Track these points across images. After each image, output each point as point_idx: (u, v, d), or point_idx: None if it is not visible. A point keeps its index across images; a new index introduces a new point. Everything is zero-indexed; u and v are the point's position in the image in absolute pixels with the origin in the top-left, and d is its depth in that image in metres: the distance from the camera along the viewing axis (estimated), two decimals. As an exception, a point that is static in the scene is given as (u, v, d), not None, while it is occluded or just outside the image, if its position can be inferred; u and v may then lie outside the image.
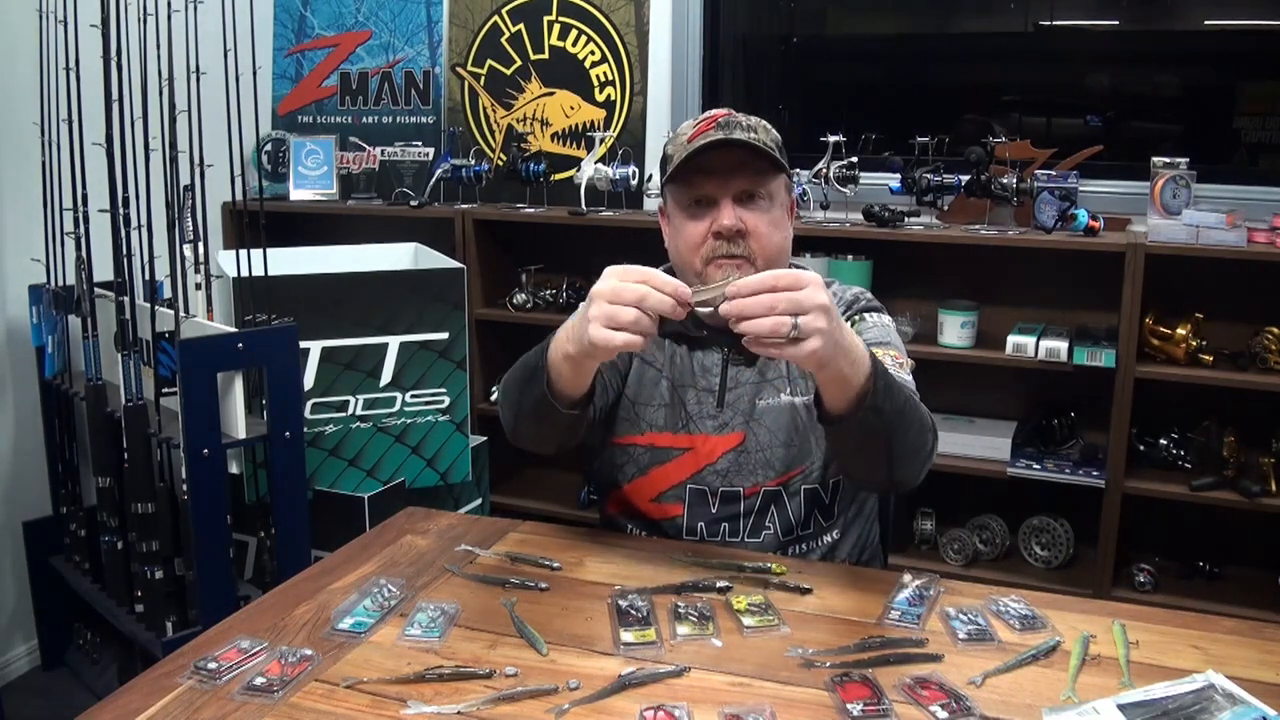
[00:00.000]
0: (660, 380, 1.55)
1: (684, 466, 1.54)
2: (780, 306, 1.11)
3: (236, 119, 2.24)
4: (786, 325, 1.10)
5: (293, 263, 2.51)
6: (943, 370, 2.74)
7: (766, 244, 1.43)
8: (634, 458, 1.56)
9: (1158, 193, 2.45)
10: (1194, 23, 2.88)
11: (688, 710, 1.03)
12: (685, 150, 1.43)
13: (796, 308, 1.11)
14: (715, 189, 1.42)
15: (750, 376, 1.53)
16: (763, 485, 1.52)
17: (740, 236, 1.42)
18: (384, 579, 1.33)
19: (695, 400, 1.54)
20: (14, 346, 2.68)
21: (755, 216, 1.43)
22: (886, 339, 1.48)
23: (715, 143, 1.40)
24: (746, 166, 1.41)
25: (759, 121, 1.47)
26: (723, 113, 1.45)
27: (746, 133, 1.42)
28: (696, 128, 1.44)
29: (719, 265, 1.43)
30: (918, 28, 3.15)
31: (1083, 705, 1.04)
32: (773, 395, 1.52)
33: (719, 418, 1.53)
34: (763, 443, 1.52)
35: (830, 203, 2.72)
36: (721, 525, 1.53)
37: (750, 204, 1.43)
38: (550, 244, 3.15)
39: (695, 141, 1.42)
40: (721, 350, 1.54)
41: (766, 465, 1.51)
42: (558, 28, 3.14)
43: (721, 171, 1.41)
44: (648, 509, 1.57)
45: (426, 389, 2.48)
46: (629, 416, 1.56)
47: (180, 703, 1.06)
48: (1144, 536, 2.62)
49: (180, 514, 2.14)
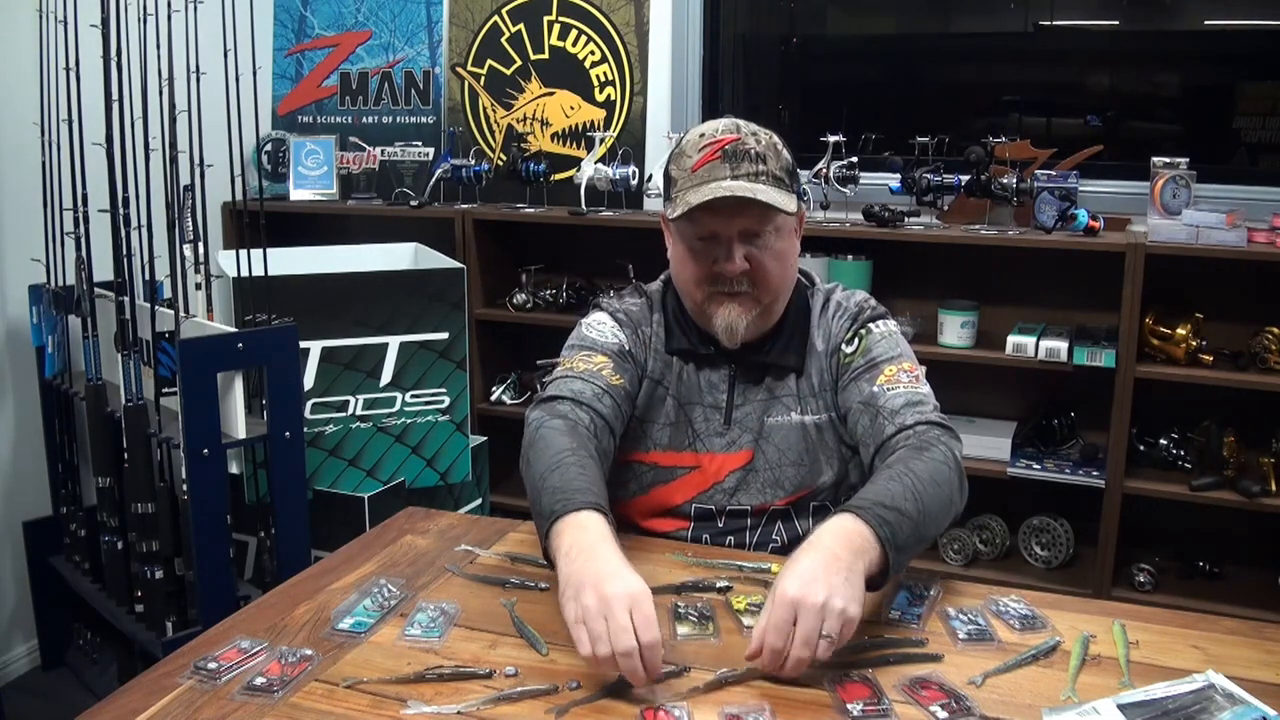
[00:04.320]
0: (667, 398, 1.52)
1: (690, 485, 1.51)
2: (807, 643, 1.05)
3: (236, 119, 2.24)
4: (819, 647, 1.05)
5: (293, 263, 2.51)
6: (943, 370, 2.74)
7: (770, 281, 1.42)
8: (637, 475, 1.53)
9: (1158, 193, 2.45)
10: (1194, 23, 2.88)
11: (688, 710, 1.03)
12: (689, 183, 1.38)
13: (814, 636, 1.05)
14: (720, 226, 1.39)
15: (759, 394, 1.50)
16: (771, 504, 1.49)
17: (744, 275, 1.40)
18: (384, 579, 1.33)
19: (703, 418, 1.51)
20: (14, 346, 2.68)
21: (760, 254, 1.40)
22: (897, 350, 1.46)
23: (730, 200, 1.35)
24: (754, 206, 1.37)
25: (769, 143, 1.40)
26: (730, 138, 1.38)
27: (755, 164, 1.37)
28: (702, 154, 1.38)
29: (721, 302, 1.42)
30: (918, 28, 3.15)
31: (1083, 705, 1.03)
32: (783, 413, 1.49)
33: (726, 435, 1.50)
34: (771, 461, 1.49)
35: (830, 203, 2.73)
36: (727, 539, 1.50)
37: (756, 240, 1.40)
38: (550, 244, 3.15)
39: (699, 172, 1.37)
40: (729, 366, 1.51)
41: (775, 484, 1.49)
42: (558, 28, 3.14)
43: (728, 210, 1.37)
44: (647, 524, 1.53)
45: (426, 389, 2.48)
46: (636, 434, 1.52)
47: (180, 703, 1.06)
48: (1144, 536, 2.62)
49: (180, 514, 2.14)
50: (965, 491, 1.34)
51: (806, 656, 1.05)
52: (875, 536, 1.14)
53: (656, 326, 1.55)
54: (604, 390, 1.43)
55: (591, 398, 1.41)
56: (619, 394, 1.44)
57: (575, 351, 1.50)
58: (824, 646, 1.05)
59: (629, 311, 1.55)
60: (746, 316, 1.43)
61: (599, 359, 1.47)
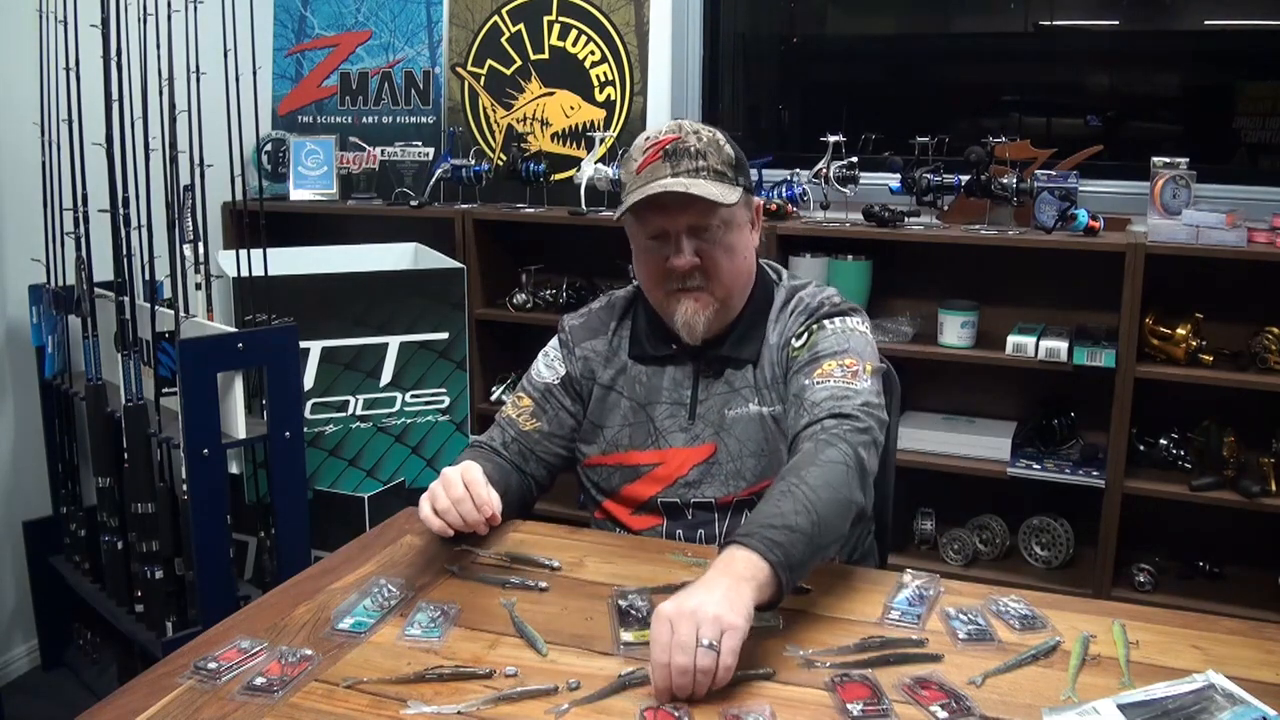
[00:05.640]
0: (620, 401, 1.56)
1: (654, 482, 1.54)
2: (684, 649, 1.02)
3: (236, 119, 2.24)
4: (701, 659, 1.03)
5: (293, 263, 2.51)
6: (943, 370, 2.75)
7: (723, 275, 1.45)
8: (605, 477, 1.58)
9: (1158, 193, 2.45)
10: (1194, 23, 2.88)
11: (688, 710, 1.03)
12: (633, 184, 1.42)
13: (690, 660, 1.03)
14: (667, 223, 1.42)
15: (720, 388, 1.53)
16: (735, 495, 1.51)
17: (697, 270, 1.43)
18: (384, 579, 1.33)
19: (667, 414, 1.54)
20: (14, 346, 2.68)
21: (710, 249, 1.43)
22: (844, 346, 1.45)
23: (654, 196, 1.38)
24: (697, 200, 1.39)
25: (710, 139, 1.43)
26: (670, 138, 1.41)
27: (694, 160, 1.39)
28: (645, 156, 1.41)
29: (679, 299, 1.45)
30: (918, 28, 3.15)
31: (1083, 705, 1.03)
32: (741, 405, 1.51)
33: (690, 430, 1.53)
34: (733, 453, 1.51)
35: (830, 203, 2.72)
36: (698, 532, 1.53)
37: (704, 235, 1.42)
38: (550, 244, 3.15)
39: (642, 174, 1.41)
40: (692, 363, 1.54)
41: (737, 475, 1.51)
42: (558, 28, 3.14)
43: (673, 207, 1.40)
44: (628, 521, 1.58)
45: (426, 389, 2.48)
46: (594, 440, 1.58)
47: (180, 703, 1.06)
48: (1144, 536, 2.62)
49: (180, 514, 2.14)
50: (869, 488, 1.34)
51: (685, 662, 1.02)
52: (765, 561, 1.13)
53: (616, 333, 1.60)
54: (514, 438, 1.60)
55: (500, 445, 1.60)
56: (528, 439, 1.59)
57: (518, 390, 1.65)
58: (704, 655, 1.02)
59: (586, 324, 1.62)
60: (704, 313, 1.46)
61: (525, 402, 1.61)
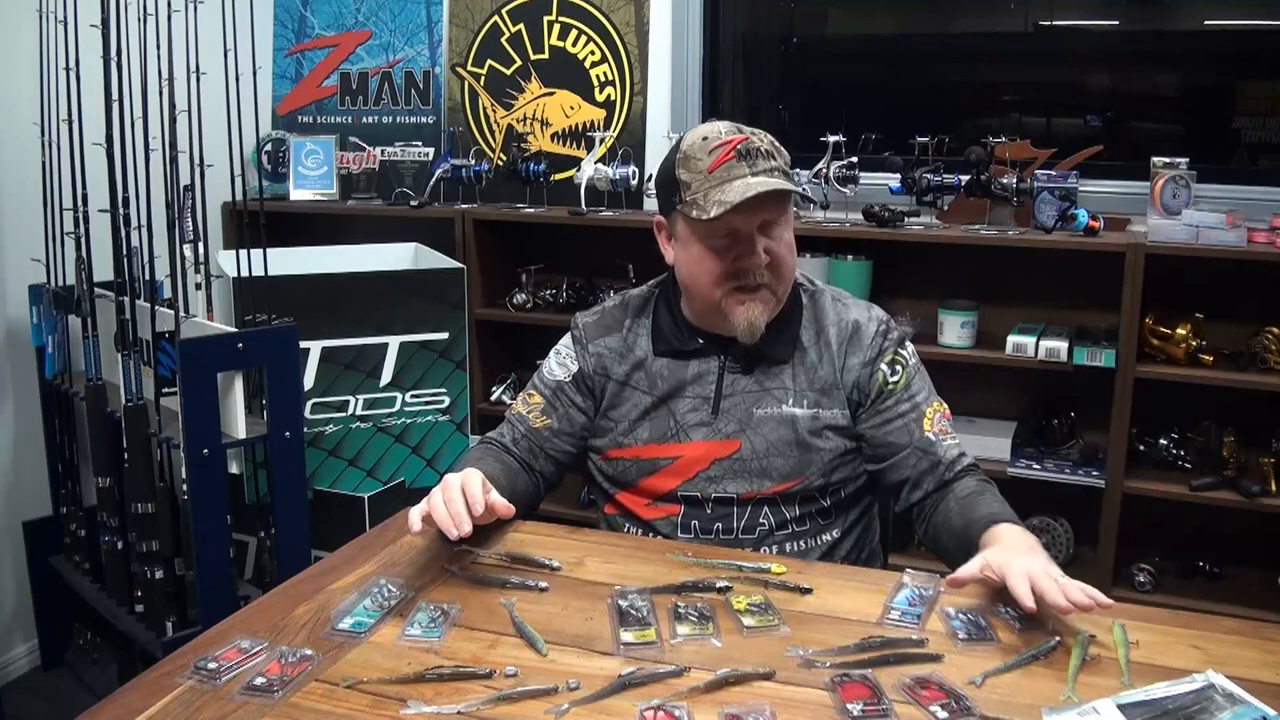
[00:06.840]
0: (637, 396, 1.57)
1: (674, 475, 1.54)
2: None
3: (236, 119, 2.24)
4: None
5: (293, 263, 2.51)
6: (943, 370, 2.72)
7: (785, 272, 1.48)
8: (622, 471, 1.58)
9: (1158, 193, 2.45)
10: (1194, 23, 2.88)
11: (688, 710, 1.03)
12: (708, 184, 1.40)
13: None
14: (742, 223, 1.42)
15: (748, 385, 1.53)
16: (758, 493, 1.51)
17: (766, 268, 1.44)
18: (384, 579, 1.32)
19: (689, 408, 1.54)
20: (14, 346, 2.68)
21: (776, 246, 1.45)
22: (926, 386, 1.56)
23: (755, 196, 1.39)
24: (770, 198, 1.41)
25: (769, 139, 1.45)
26: (738, 138, 1.42)
27: (768, 160, 1.42)
28: (715, 156, 1.41)
29: (740, 298, 1.45)
30: (918, 28, 3.15)
31: (1083, 705, 1.03)
32: (773, 405, 1.52)
33: (713, 424, 1.53)
34: (759, 451, 1.51)
35: (830, 203, 2.72)
36: (715, 525, 1.53)
37: (771, 232, 1.44)
38: (550, 244, 3.15)
39: (716, 173, 1.40)
40: (718, 357, 1.54)
41: (762, 474, 1.51)
42: (558, 28, 3.14)
43: (749, 207, 1.40)
44: (642, 513, 1.58)
45: (426, 389, 2.48)
46: (611, 433, 1.58)
47: (180, 703, 1.06)
48: (1144, 536, 2.61)
49: (180, 514, 2.14)
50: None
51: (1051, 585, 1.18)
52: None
53: (632, 330, 1.60)
54: (523, 435, 1.62)
55: (509, 441, 1.62)
56: (538, 436, 1.61)
57: (529, 386, 1.66)
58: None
59: (600, 321, 1.63)
60: (767, 312, 1.48)
61: (535, 399, 1.63)
